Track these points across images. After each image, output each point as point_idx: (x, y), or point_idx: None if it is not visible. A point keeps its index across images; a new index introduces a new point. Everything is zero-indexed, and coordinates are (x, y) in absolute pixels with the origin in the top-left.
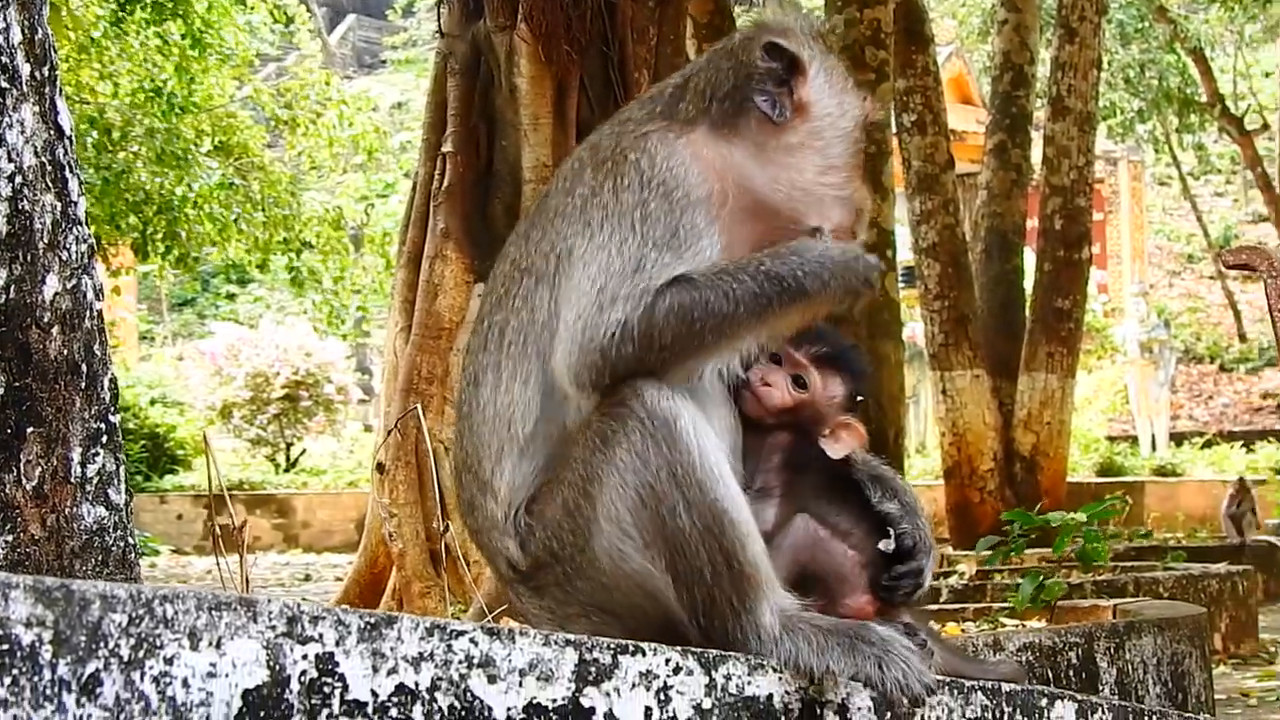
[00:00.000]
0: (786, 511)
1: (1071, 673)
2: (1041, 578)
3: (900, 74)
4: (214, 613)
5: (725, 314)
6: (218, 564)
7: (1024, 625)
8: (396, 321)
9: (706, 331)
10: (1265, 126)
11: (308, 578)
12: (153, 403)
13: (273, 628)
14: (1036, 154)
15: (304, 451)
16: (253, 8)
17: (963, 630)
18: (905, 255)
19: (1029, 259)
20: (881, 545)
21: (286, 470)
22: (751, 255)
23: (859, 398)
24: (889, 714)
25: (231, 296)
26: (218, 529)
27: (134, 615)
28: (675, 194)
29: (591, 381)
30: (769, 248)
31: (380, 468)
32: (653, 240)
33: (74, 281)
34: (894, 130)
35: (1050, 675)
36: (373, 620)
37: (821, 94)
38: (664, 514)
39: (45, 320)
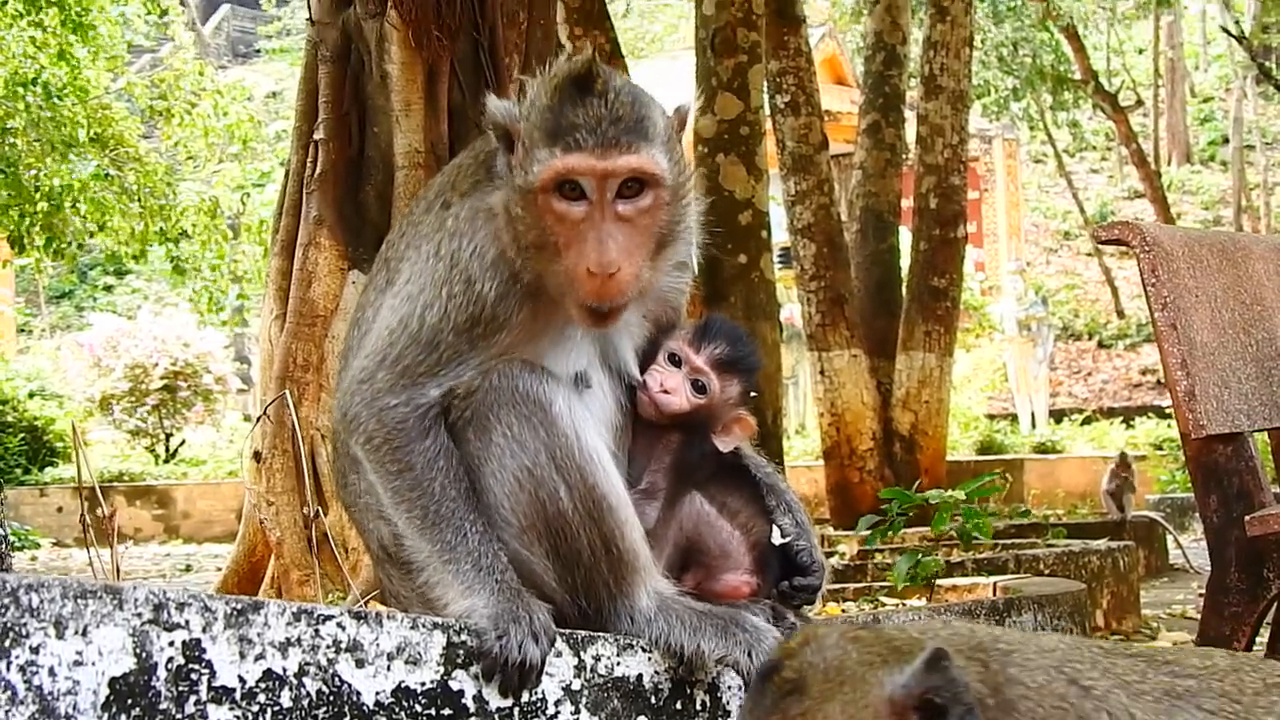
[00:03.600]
0: (670, 512)
1: None
2: (919, 555)
3: (773, 55)
4: (79, 601)
5: (411, 514)
6: (89, 557)
7: (904, 604)
8: (271, 310)
9: (399, 494)
10: (1139, 103)
11: (189, 568)
12: (31, 395)
13: (139, 615)
14: (911, 133)
15: (183, 442)
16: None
17: (843, 610)
18: (781, 236)
19: (905, 238)
20: (774, 538)
21: (166, 461)
22: (493, 535)
23: (752, 394)
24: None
25: (109, 288)
26: (88, 521)
27: None
28: (475, 286)
29: (344, 427)
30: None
31: (257, 456)
32: (453, 321)
33: None
34: (768, 111)
35: None
36: (239, 606)
37: (516, 158)
38: (543, 498)
39: None
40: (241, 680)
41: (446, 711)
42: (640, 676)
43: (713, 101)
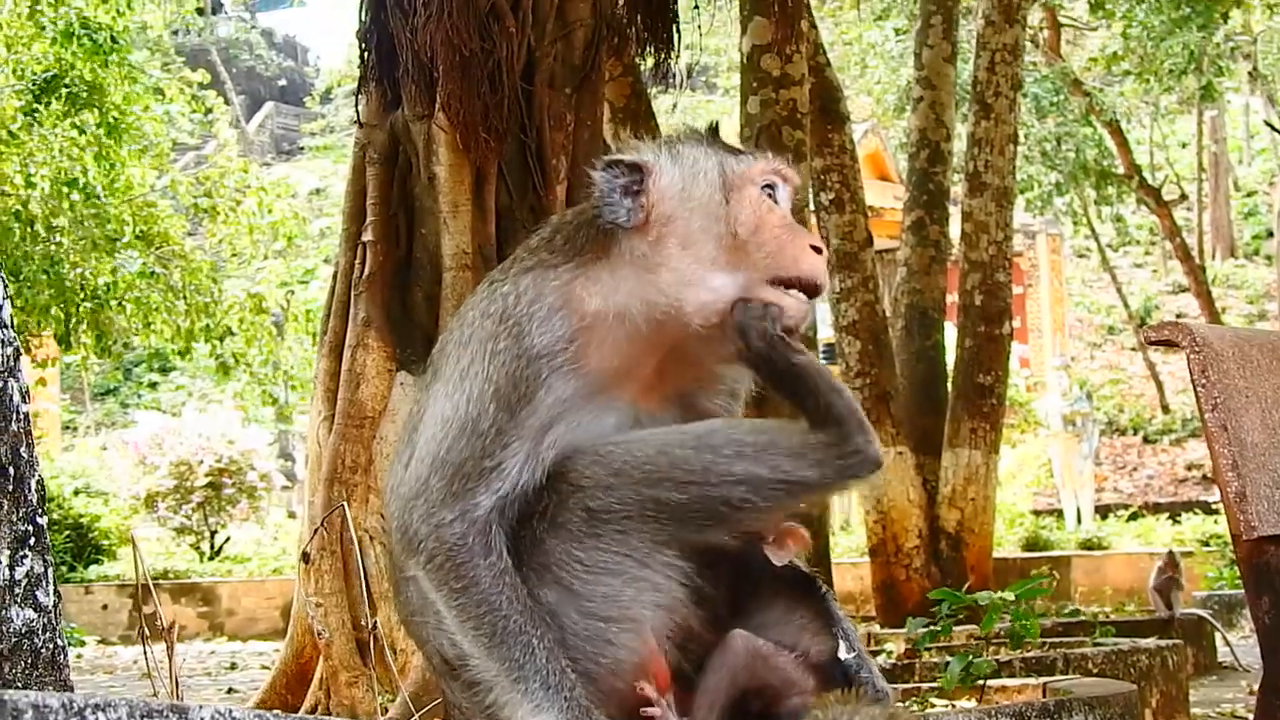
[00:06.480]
0: (717, 659)
1: None
2: (970, 657)
3: (817, 153)
4: None
5: (478, 631)
6: (145, 659)
7: (954, 706)
8: (319, 411)
9: (465, 611)
10: (1183, 197)
11: (234, 666)
12: (76, 493)
13: None
14: (955, 230)
15: (228, 539)
16: (171, 98)
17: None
18: (826, 333)
19: (950, 335)
20: (841, 655)
21: (211, 558)
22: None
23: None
24: None
25: (154, 385)
26: (145, 625)
27: None
28: (525, 340)
29: (402, 545)
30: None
31: (305, 558)
32: (494, 385)
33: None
34: (812, 208)
35: None
36: None
37: (670, 178)
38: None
39: None
40: None
41: None
42: None
43: None
